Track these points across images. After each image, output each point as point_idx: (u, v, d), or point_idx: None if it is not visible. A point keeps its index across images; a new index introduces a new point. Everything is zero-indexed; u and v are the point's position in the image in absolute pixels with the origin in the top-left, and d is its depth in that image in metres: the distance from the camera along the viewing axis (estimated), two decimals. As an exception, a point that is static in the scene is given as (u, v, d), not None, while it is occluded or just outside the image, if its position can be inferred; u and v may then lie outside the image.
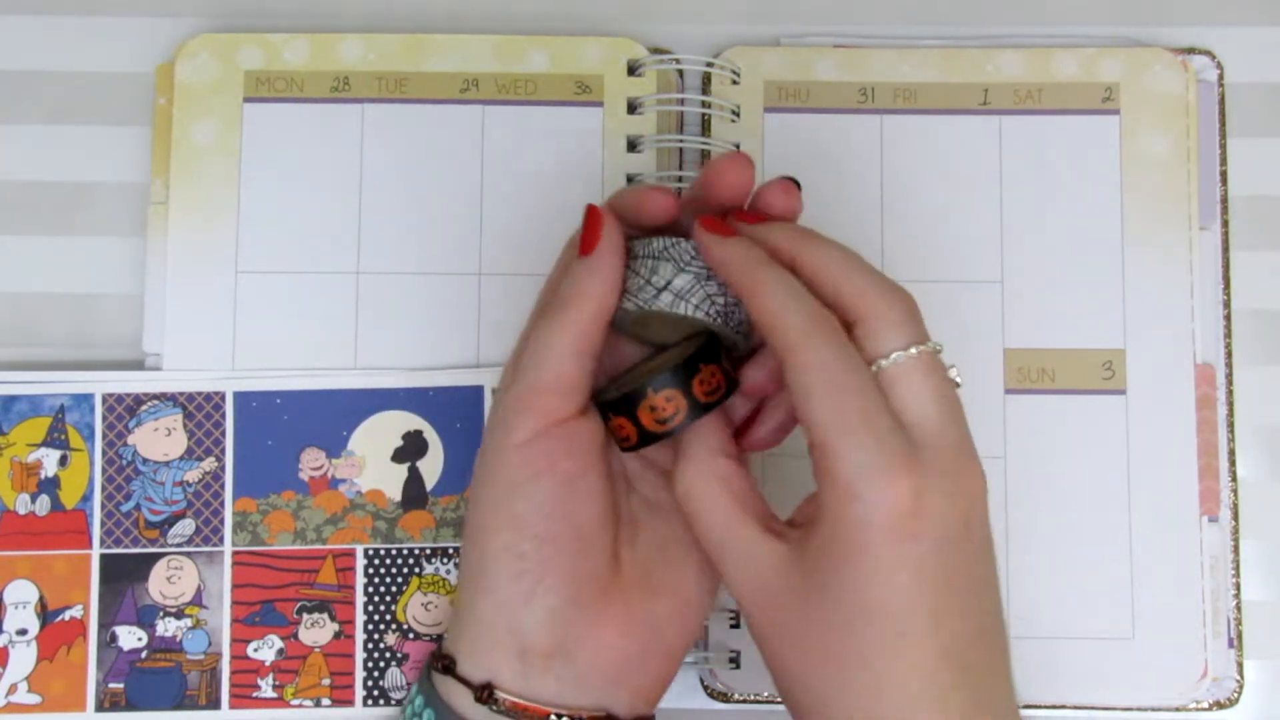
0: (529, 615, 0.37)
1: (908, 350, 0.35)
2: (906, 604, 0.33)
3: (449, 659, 0.38)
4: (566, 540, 0.37)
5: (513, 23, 0.51)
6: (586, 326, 0.37)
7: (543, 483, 0.37)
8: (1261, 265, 0.49)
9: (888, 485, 0.33)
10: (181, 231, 0.48)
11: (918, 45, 0.50)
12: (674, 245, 0.38)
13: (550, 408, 0.37)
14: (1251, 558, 0.48)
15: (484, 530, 0.38)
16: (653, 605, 0.38)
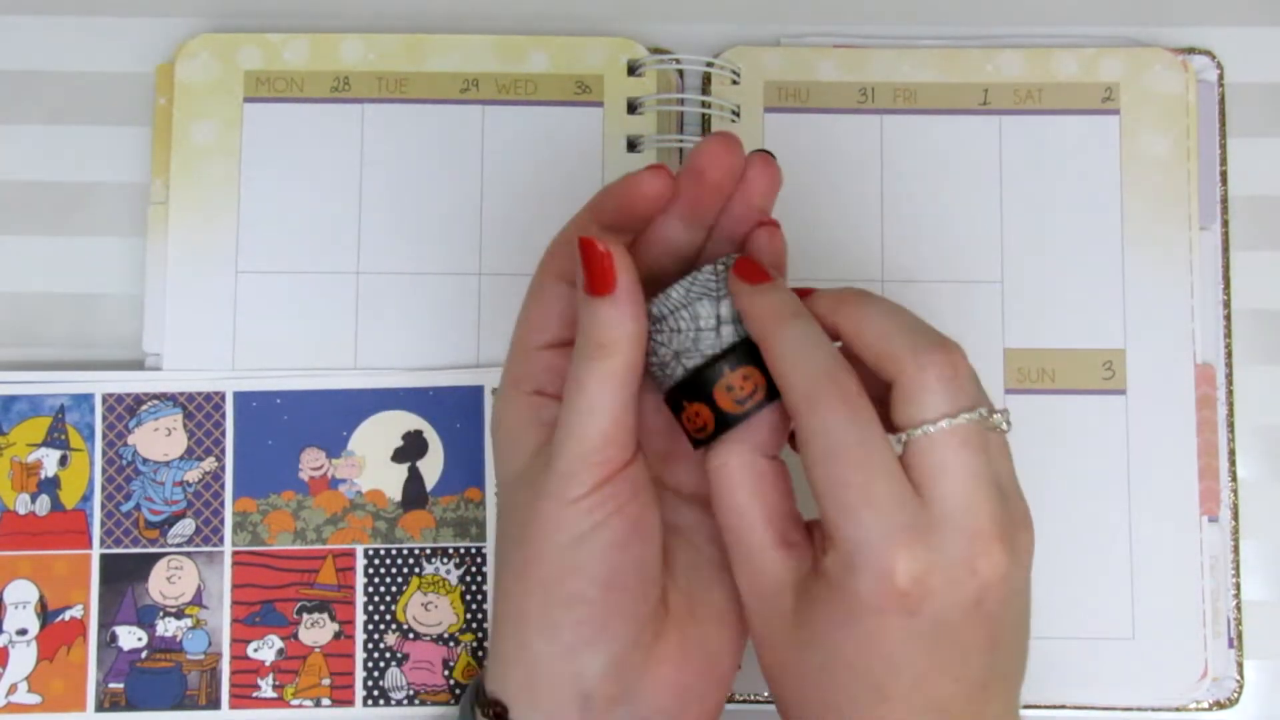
0: (593, 661, 0.36)
1: (938, 423, 0.33)
2: (889, 667, 0.33)
3: (500, 706, 0.37)
4: (631, 583, 0.36)
5: (513, 23, 0.51)
6: (631, 371, 0.35)
7: (610, 527, 0.35)
8: (1261, 265, 0.49)
9: (882, 565, 0.32)
10: (181, 231, 0.48)
11: (918, 45, 0.50)
12: (693, 283, 0.36)
13: (612, 460, 0.35)
14: (1251, 558, 0.48)
15: (546, 579, 0.36)
16: (702, 631, 0.37)
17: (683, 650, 0.37)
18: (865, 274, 0.48)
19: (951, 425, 0.33)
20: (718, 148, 0.37)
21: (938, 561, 0.32)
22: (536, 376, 0.38)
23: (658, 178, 0.36)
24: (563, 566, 0.36)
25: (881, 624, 0.33)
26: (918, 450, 0.33)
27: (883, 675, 0.33)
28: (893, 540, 0.32)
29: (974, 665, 0.34)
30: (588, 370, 0.35)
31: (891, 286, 0.48)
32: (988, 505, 0.33)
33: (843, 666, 0.34)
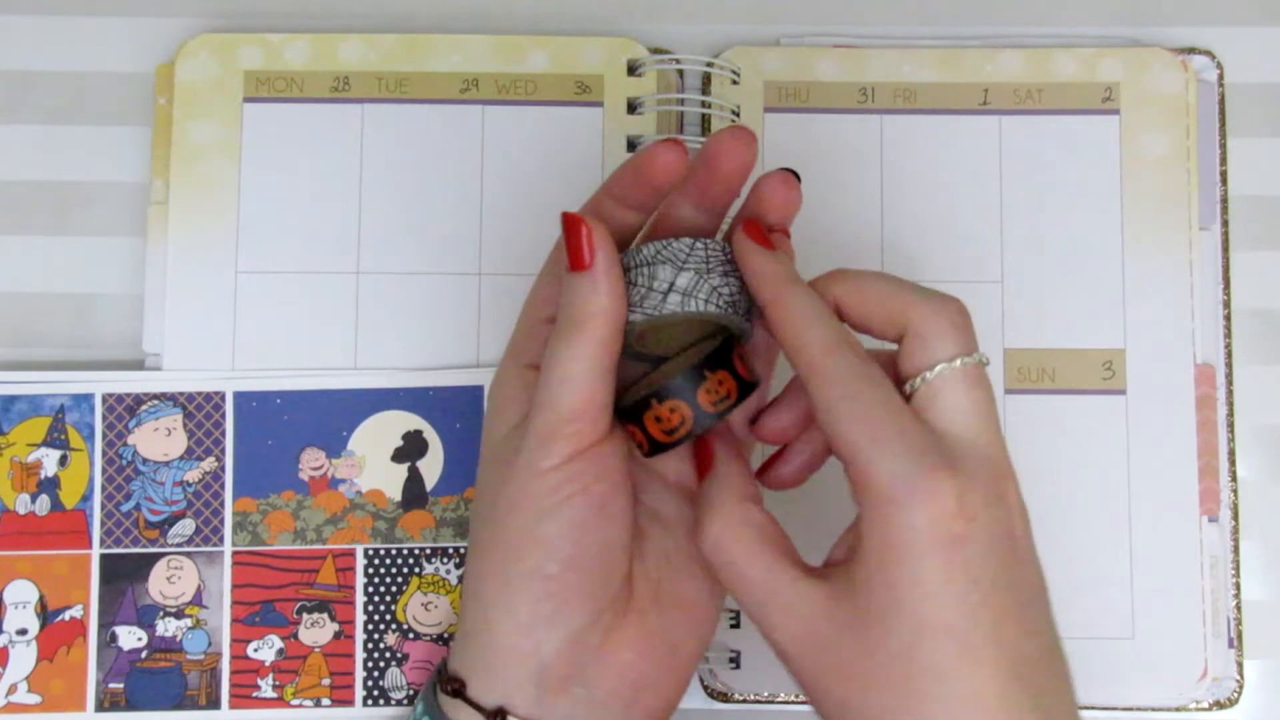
0: (550, 638, 0.36)
1: (952, 362, 0.34)
2: (967, 615, 0.32)
3: (459, 682, 0.37)
4: (593, 563, 0.36)
5: (513, 23, 0.51)
6: (605, 345, 0.36)
7: (575, 505, 0.36)
8: (1261, 265, 0.49)
9: (927, 485, 0.32)
10: (181, 231, 0.48)
11: (918, 45, 0.50)
12: (665, 247, 0.37)
13: (582, 433, 0.36)
14: (1251, 558, 0.48)
15: (508, 554, 0.36)
16: (666, 621, 0.37)
17: (643, 637, 0.37)
18: (865, 274, 0.48)
19: (964, 364, 0.34)
20: (730, 139, 0.37)
21: (973, 486, 0.33)
22: (534, 350, 0.38)
23: (671, 150, 0.37)
24: (525, 540, 0.36)
25: (941, 560, 0.32)
26: (931, 392, 0.34)
27: (961, 626, 0.32)
28: (932, 464, 0.33)
29: (1042, 615, 0.34)
30: (563, 342, 0.36)
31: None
32: (1000, 439, 0.34)
33: (918, 636, 0.32)
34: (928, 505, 0.32)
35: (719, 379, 0.37)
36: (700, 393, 0.36)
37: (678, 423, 0.36)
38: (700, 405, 0.36)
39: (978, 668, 0.32)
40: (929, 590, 0.32)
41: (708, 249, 0.37)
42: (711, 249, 0.37)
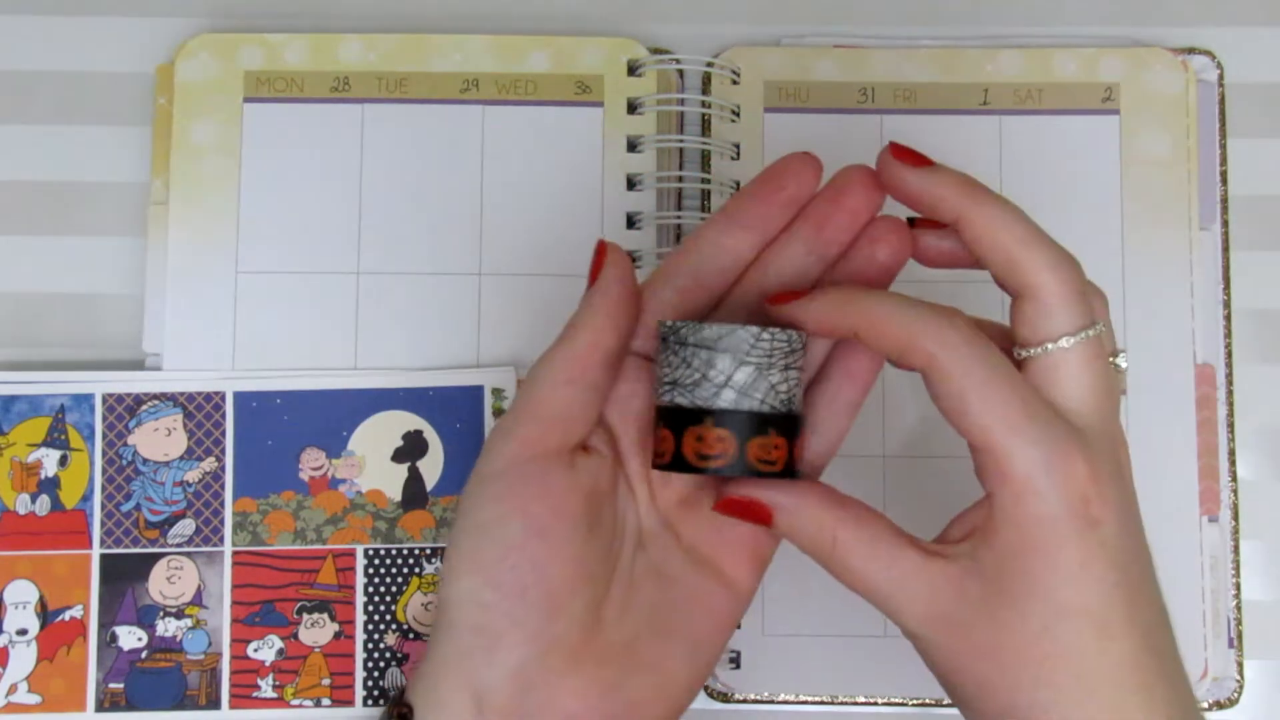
0: (489, 671, 0.34)
1: (1076, 335, 0.33)
2: (1104, 598, 0.32)
3: (407, 708, 0.35)
4: (534, 597, 0.34)
5: (513, 23, 0.51)
6: (573, 357, 0.35)
7: (510, 526, 0.35)
8: (1261, 265, 0.49)
9: (1066, 474, 0.32)
10: (181, 231, 0.48)
11: (918, 45, 0.50)
12: (729, 334, 0.34)
13: (527, 436, 0.35)
14: (1251, 558, 0.48)
15: (451, 574, 0.35)
16: (630, 680, 0.35)
17: (595, 691, 0.35)
18: (865, 274, 0.48)
19: (1086, 338, 0.33)
20: (862, 175, 0.37)
21: (1102, 468, 0.33)
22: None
23: (808, 160, 0.37)
24: (463, 558, 0.35)
25: (1079, 546, 0.32)
26: (1052, 364, 0.34)
27: (1099, 608, 0.32)
28: (1067, 447, 0.32)
29: (1156, 584, 0.34)
30: (552, 345, 0.36)
31: (891, 285, 0.48)
32: (1115, 413, 0.34)
33: (1055, 616, 0.32)
34: (1067, 494, 0.32)
35: (775, 443, 0.35)
36: (753, 444, 0.34)
37: (716, 453, 0.34)
38: (746, 454, 0.34)
39: (1114, 643, 0.33)
40: (1066, 575, 0.32)
41: (774, 340, 0.34)
42: (778, 340, 0.34)
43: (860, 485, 0.47)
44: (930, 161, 0.36)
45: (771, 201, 0.37)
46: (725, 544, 0.37)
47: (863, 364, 0.38)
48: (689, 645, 0.37)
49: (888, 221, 0.38)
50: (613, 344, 0.36)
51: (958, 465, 0.47)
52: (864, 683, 0.47)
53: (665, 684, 0.36)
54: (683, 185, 0.49)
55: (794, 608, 0.47)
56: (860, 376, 0.38)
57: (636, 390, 0.37)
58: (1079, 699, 0.32)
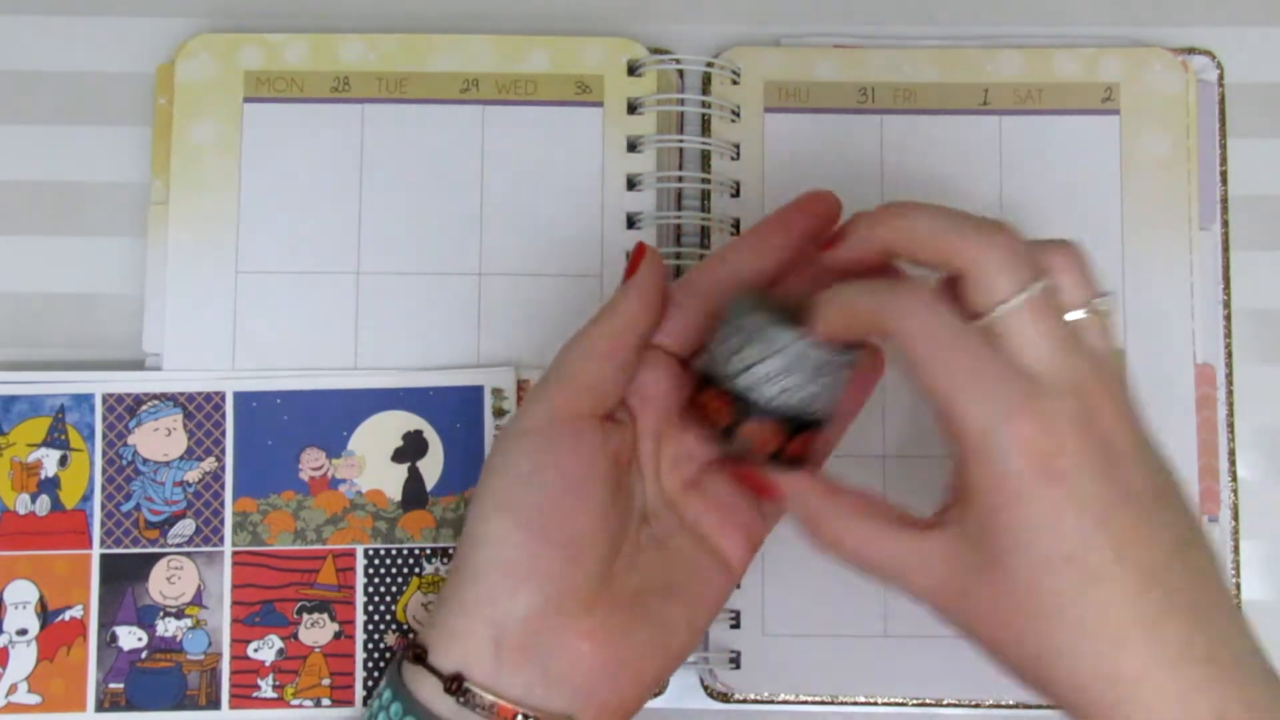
0: (511, 608, 0.37)
1: (1010, 300, 0.34)
2: (1083, 541, 0.33)
3: (421, 648, 0.38)
4: (559, 543, 0.37)
5: (513, 23, 0.51)
6: (610, 334, 0.39)
7: (545, 476, 0.38)
8: (1261, 265, 0.49)
9: (1015, 433, 0.33)
10: (181, 231, 0.48)
11: (918, 45, 0.50)
12: (770, 326, 0.37)
13: (564, 399, 0.38)
14: (1251, 558, 0.48)
15: (481, 515, 0.38)
16: (637, 629, 0.38)
17: (606, 635, 0.37)
18: (865, 274, 0.48)
19: (1026, 298, 0.34)
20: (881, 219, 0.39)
21: (1058, 411, 0.33)
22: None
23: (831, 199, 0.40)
24: (497, 504, 0.38)
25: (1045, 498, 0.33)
26: (1000, 330, 0.34)
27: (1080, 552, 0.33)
28: (1019, 406, 0.33)
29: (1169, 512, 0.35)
30: (589, 323, 0.39)
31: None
32: (1083, 359, 0.35)
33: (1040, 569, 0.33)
34: (1018, 447, 0.33)
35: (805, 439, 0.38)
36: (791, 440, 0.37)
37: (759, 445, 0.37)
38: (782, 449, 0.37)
39: (1101, 587, 0.33)
40: (1040, 526, 0.33)
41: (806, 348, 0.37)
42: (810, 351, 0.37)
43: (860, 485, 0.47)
44: (841, 232, 0.38)
45: (795, 232, 0.40)
46: (723, 525, 0.40)
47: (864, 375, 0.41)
48: (688, 607, 0.39)
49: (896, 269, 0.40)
50: (645, 328, 0.39)
51: (958, 465, 0.47)
52: (864, 683, 0.47)
53: (667, 638, 0.39)
54: (683, 185, 0.49)
55: (794, 608, 0.47)
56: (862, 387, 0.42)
57: (654, 379, 0.40)
58: (1081, 646, 0.33)
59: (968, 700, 0.47)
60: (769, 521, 0.42)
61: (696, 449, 0.41)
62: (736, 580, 0.41)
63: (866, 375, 0.42)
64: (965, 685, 0.47)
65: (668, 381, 0.40)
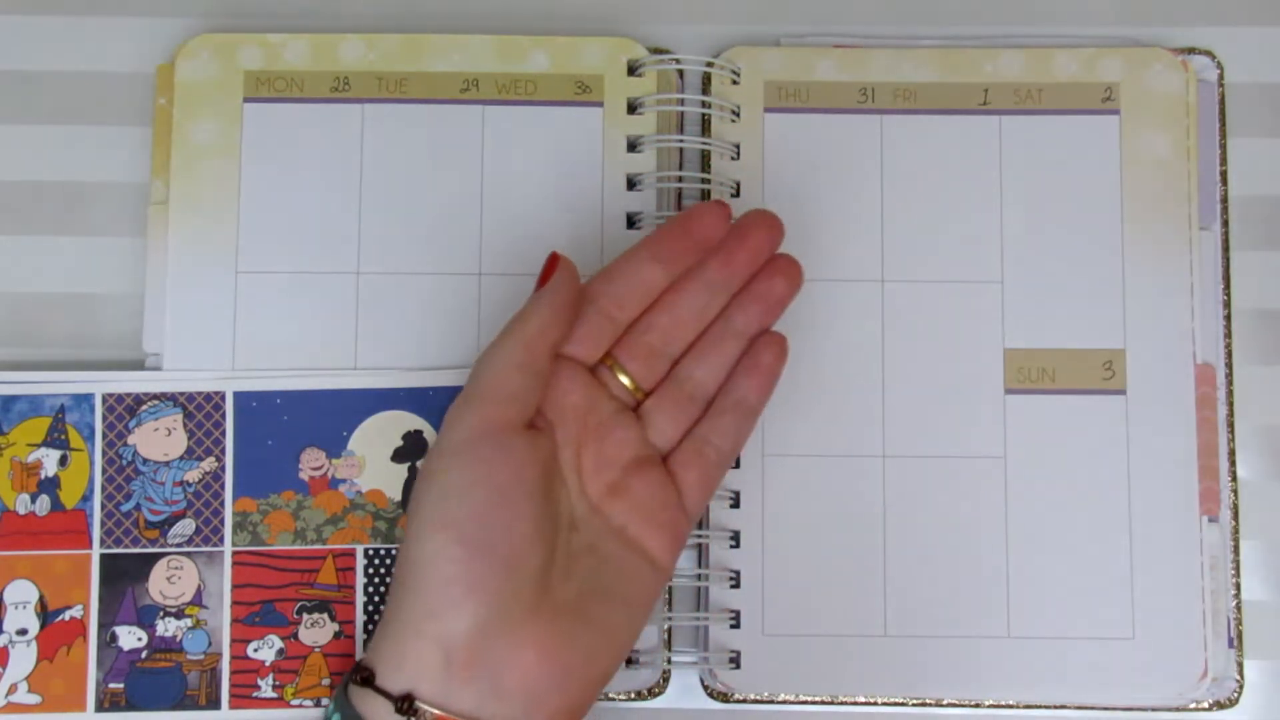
0: (456, 623, 0.37)
1: None
2: None
3: (368, 671, 0.38)
4: (499, 553, 0.38)
5: (513, 23, 0.51)
6: (524, 343, 0.40)
7: (477, 490, 0.38)
8: (1261, 265, 0.49)
9: None
10: (181, 231, 0.48)
11: (918, 45, 0.50)
12: None
13: (488, 413, 0.39)
14: (1251, 558, 0.48)
15: (418, 535, 0.38)
16: (581, 634, 0.39)
17: (552, 641, 0.38)
18: (865, 274, 0.48)
19: None
20: (763, 219, 0.43)
21: None
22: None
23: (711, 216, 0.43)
24: (433, 520, 0.38)
25: None
26: None
27: None
28: None
29: None
30: (502, 332, 0.41)
31: (891, 286, 0.48)
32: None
33: None
34: None
35: None
36: None
37: None
38: None
39: None
40: None
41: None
42: None
43: (860, 485, 0.47)
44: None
45: (685, 242, 0.43)
46: (649, 526, 0.41)
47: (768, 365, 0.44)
48: (625, 609, 0.40)
49: (785, 258, 0.44)
50: (557, 337, 0.41)
51: (958, 465, 0.47)
52: (864, 683, 0.47)
53: (609, 640, 0.40)
54: (682, 185, 0.49)
55: (794, 608, 0.47)
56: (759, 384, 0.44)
57: (567, 389, 0.42)
58: None
59: (968, 700, 0.47)
60: (693, 517, 0.43)
61: (617, 454, 0.42)
62: (667, 578, 0.42)
63: (770, 365, 0.44)
64: (965, 685, 0.47)
65: (580, 391, 0.42)
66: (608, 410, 0.42)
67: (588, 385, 0.42)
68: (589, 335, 0.42)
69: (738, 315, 0.44)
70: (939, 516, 0.47)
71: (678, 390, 0.43)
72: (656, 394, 0.43)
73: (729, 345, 0.44)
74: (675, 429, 0.43)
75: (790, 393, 0.47)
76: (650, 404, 0.43)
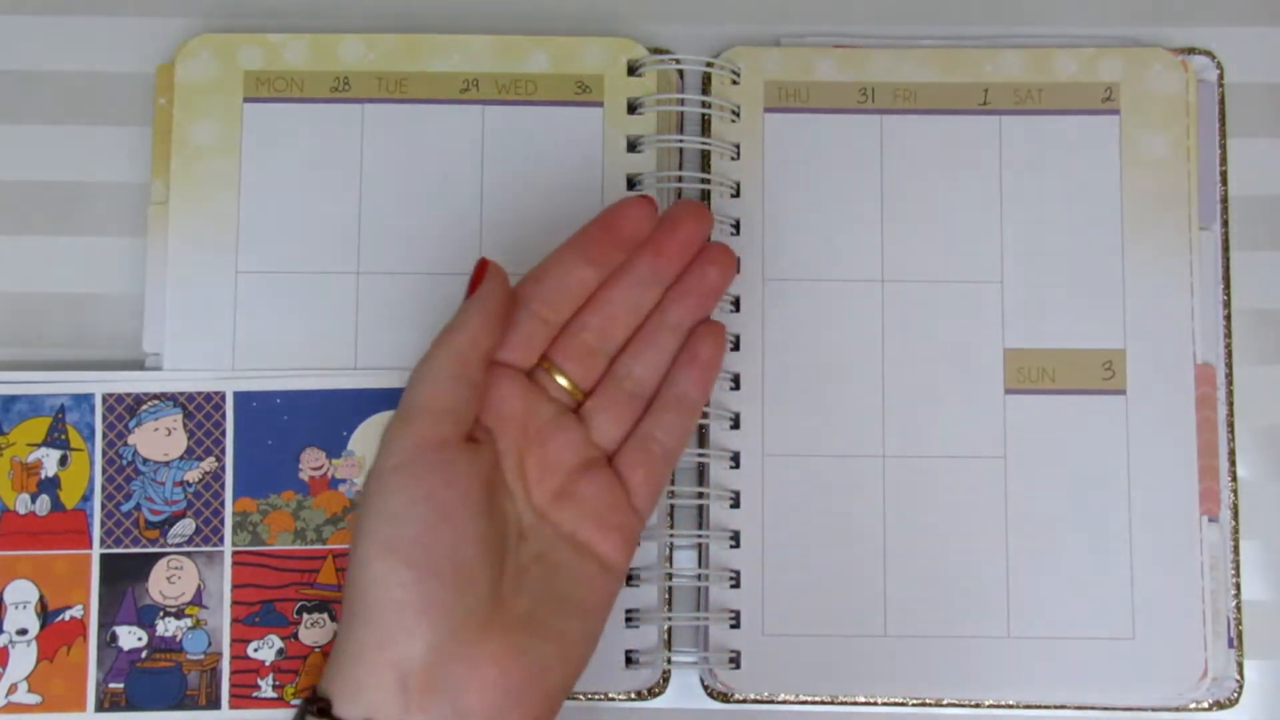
0: (410, 647, 0.36)
1: None
2: None
3: (324, 701, 0.37)
4: (447, 573, 0.37)
5: (513, 23, 0.51)
6: (456, 355, 0.39)
7: (419, 510, 0.37)
8: (1261, 265, 0.49)
9: None
10: (181, 231, 0.48)
11: (918, 45, 0.50)
12: None
13: (425, 430, 0.38)
14: (1251, 558, 0.48)
15: (364, 560, 0.37)
16: (536, 647, 0.38)
17: (509, 655, 0.37)
18: (865, 274, 0.48)
19: None
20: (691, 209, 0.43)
21: None
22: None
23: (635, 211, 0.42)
24: (377, 544, 0.37)
25: None
26: None
27: None
28: None
29: None
30: (434, 344, 0.40)
31: (891, 286, 0.48)
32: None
33: None
34: None
35: None
36: None
37: None
38: None
39: None
40: None
41: None
42: None
43: (860, 485, 0.47)
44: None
45: (613, 240, 0.42)
46: (599, 529, 0.41)
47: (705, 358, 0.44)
48: (581, 615, 0.40)
49: (716, 246, 0.44)
50: (489, 345, 0.40)
51: (958, 465, 0.47)
52: (864, 683, 0.47)
53: (567, 650, 0.39)
54: (682, 185, 0.49)
55: (794, 608, 0.47)
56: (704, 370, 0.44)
57: (505, 395, 0.41)
58: None
59: (968, 700, 0.47)
60: (644, 516, 0.42)
61: (561, 458, 0.41)
62: (621, 580, 0.42)
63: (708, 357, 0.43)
64: (965, 685, 0.47)
65: (518, 397, 0.41)
66: (548, 414, 0.41)
67: (525, 391, 0.41)
68: (523, 340, 0.41)
69: (672, 308, 0.43)
70: (939, 516, 0.47)
71: (617, 389, 0.43)
72: (596, 394, 0.42)
73: (666, 339, 0.43)
74: (618, 428, 0.42)
75: (790, 393, 0.47)
76: (590, 404, 0.42)
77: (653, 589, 0.47)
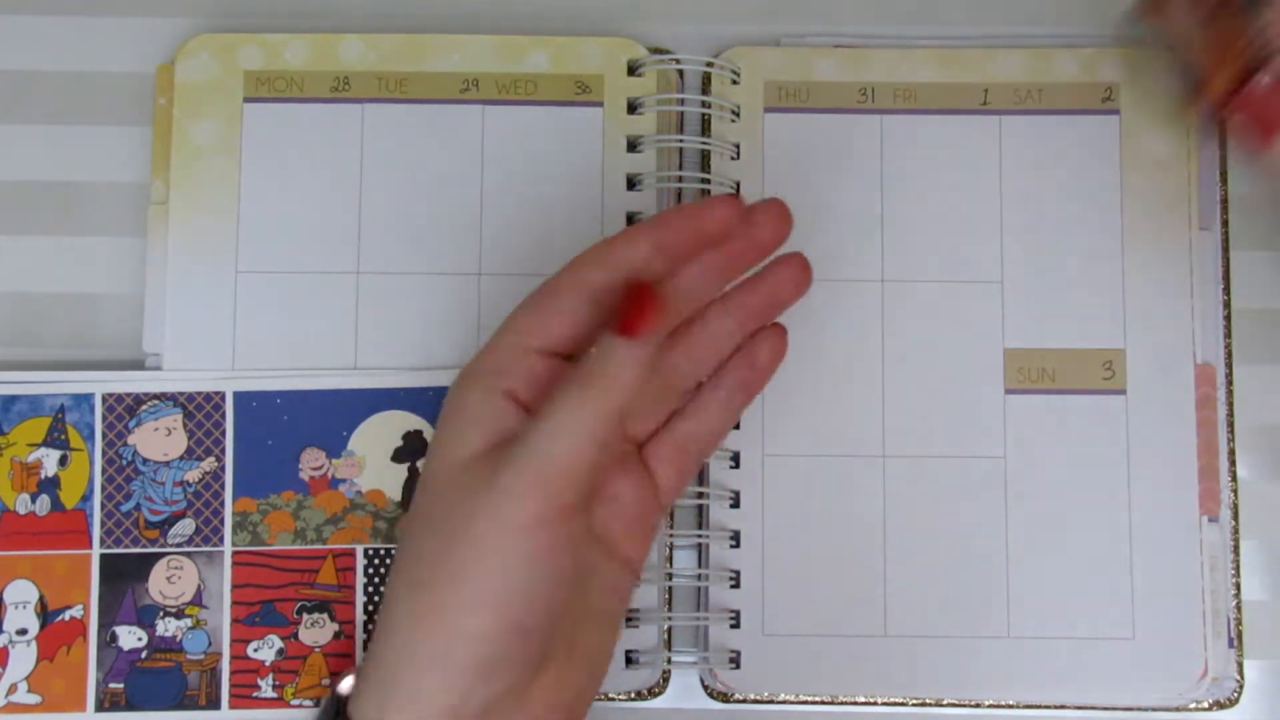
0: (477, 695, 0.35)
1: None
2: None
3: None
4: (537, 630, 0.36)
5: (513, 23, 0.51)
6: (613, 417, 0.34)
7: (538, 573, 0.35)
8: (1261, 265, 0.49)
9: None
10: (181, 231, 0.48)
11: (918, 45, 0.50)
12: None
13: (558, 492, 0.34)
14: (1251, 558, 0.48)
15: (460, 607, 0.35)
16: (574, 672, 0.38)
17: (555, 691, 0.37)
18: (865, 274, 0.48)
19: None
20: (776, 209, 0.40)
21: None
22: (517, 376, 0.37)
23: (723, 209, 0.38)
24: (483, 598, 0.34)
25: None
26: None
27: None
28: None
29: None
30: (578, 396, 0.34)
31: (891, 286, 0.48)
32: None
33: None
34: None
35: None
36: None
37: None
38: None
39: None
40: None
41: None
42: None
43: (860, 485, 0.47)
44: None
45: (694, 234, 0.38)
46: (626, 528, 0.40)
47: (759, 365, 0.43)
48: (606, 625, 0.39)
49: (796, 259, 0.43)
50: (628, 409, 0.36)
51: (958, 465, 0.47)
52: (864, 683, 0.47)
53: (595, 667, 0.39)
54: (682, 185, 0.49)
55: (794, 608, 0.47)
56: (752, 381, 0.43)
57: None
58: None
59: (967, 700, 0.47)
60: (666, 512, 0.41)
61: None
62: (638, 579, 0.41)
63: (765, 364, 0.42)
64: (965, 685, 0.47)
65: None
66: None
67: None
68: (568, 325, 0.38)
69: (737, 311, 0.42)
70: (939, 516, 0.47)
71: (660, 382, 0.41)
72: None
73: (722, 341, 0.42)
74: (653, 420, 0.41)
75: (791, 393, 0.47)
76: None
77: (653, 589, 0.47)
